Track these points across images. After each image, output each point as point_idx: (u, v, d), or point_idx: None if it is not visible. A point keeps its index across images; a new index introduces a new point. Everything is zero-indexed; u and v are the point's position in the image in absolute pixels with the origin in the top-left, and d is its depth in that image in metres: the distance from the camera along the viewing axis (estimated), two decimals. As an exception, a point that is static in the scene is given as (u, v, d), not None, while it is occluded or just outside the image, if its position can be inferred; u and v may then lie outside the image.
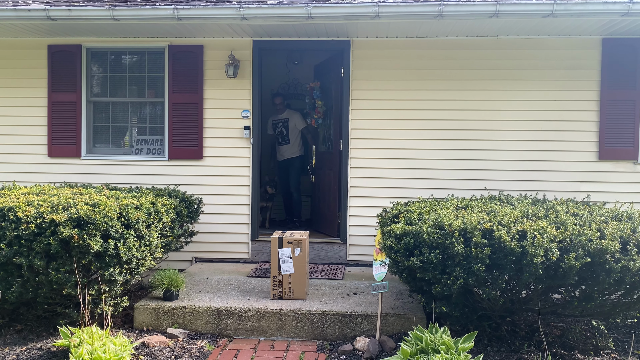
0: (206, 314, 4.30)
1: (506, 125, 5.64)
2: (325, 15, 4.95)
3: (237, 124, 5.87)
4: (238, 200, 5.89)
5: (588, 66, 5.56)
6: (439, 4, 4.76)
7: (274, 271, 4.51)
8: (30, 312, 4.22)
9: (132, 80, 6.10)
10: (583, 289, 3.61)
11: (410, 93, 5.72)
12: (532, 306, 3.86)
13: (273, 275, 4.51)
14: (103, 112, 6.13)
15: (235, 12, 4.97)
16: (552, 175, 5.60)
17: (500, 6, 4.71)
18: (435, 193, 5.45)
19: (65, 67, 5.96)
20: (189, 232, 5.21)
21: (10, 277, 3.87)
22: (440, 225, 3.71)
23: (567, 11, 4.71)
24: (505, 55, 5.63)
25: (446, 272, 3.61)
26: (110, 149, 6.13)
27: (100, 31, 5.71)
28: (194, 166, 5.92)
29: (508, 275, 3.58)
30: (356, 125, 5.78)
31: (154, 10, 5.03)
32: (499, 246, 3.45)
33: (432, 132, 5.70)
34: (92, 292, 3.86)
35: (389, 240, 3.85)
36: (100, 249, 3.74)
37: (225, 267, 5.71)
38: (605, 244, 3.32)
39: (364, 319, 4.20)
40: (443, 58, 5.68)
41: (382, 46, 5.74)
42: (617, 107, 5.52)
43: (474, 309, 3.88)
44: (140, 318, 4.34)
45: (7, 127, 6.04)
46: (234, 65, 5.72)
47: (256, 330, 4.26)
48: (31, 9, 5.11)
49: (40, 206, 3.87)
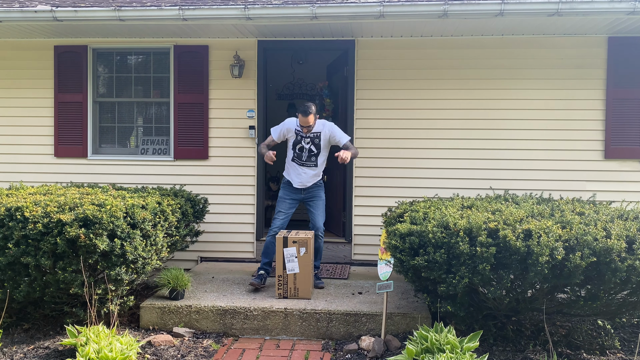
0: (212, 313, 4.31)
1: (511, 124, 5.62)
2: (330, 15, 4.96)
3: (242, 124, 5.88)
4: (243, 199, 5.91)
5: (594, 65, 5.54)
6: (444, 3, 4.75)
7: (279, 270, 4.52)
8: (38, 311, 4.25)
9: (137, 81, 6.13)
10: (589, 289, 3.60)
11: (415, 92, 5.71)
12: (537, 305, 3.85)
13: (278, 275, 4.52)
14: (109, 112, 6.16)
15: (240, 13, 4.98)
16: (558, 175, 5.58)
17: (506, 5, 4.70)
18: (440, 192, 5.45)
19: (71, 67, 5.99)
20: (195, 231, 5.23)
21: (17, 276, 3.90)
22: (446, 224, 3.71)
23: (573, 10, 4.69)
24: (510, 54, 5.62)
25: (451, 272, 3.61)
26: (116, 149, 6.16)
27: (106, 32, 5.74)
28: (199, 166, 5.94)
29: (513, 275, 3.57)
30: (361, 125, 5.78)
31: (159, 10, 5.05)
32: (504, 245, 3.44)
33: (436, 132, 5.69)
34: (99, 292, 3.88)
35: (394, 240, 3.86)
36: (107, 248, 3.77)
37: (231, 266, 5.73)
38: (611, 243, 3.31)
39: (369, 318, 4.20)
40: (448, 57, 5.67)
41: (386, 46, 5.74)
42: (623, 105, 5.50)
43: (480, 308, 3.87)
44: (146, 317, 4.36)
45: (14, 128, 6.08)
46: (239, 66, 5.73)
47: (261, 329, 4.28)
48: (38, 10, 5.14)
49: (47, 206, 3.90)
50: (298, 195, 4.97)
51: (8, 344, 3.96)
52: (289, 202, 4.97)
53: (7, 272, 3.87)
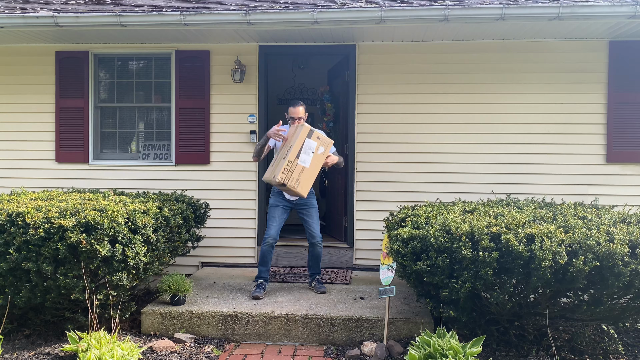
0: (213, 318, 4.30)
1: (513, 128, 5.62)
2: (330, 20, 4.96)
3: (243, 129, 5.89)
4: (245, 204, 5.90)
5: (595, 69, 5.54)
6: (445, 8, 4.76)
7: (292, 157, 4.34)
8: (39, 317, 4.24)
9: (139, 86, 6.14)
10: (592, 293, 3.58)
11: (416, 97, 5.71)
12: (540, 310, 3.84)
13: (289, 160, 4.34)
14: (110, 117, 6.16)
15: (241, 18, 4.98)
16: (560, 179, 5.57)
17: (506, 9, 4.70)
18: (442, 197, 5.44)
19: (72, 73, 6.00)
20: (196, 236, 5.22)
21: (18, 282, 3.89)
22: (448, 229, 3.70)
23: (574, 14, 4.69)
24: (511, 59, 5.62)
25: (454, 276, 3.60)
26: (117, 154, 6.16)
27: (108, 37, 5.76)
28: (200, 171, 5.93)
29: (516, 279, 3.56)
30: (362, 130, 5.78)
31: (160, 16, 5.06)
32: (506, 250, 3.43)
33: (438, 136, 5.69)
34: (100, 297, 3.87)
35: (396, 244, 3.85)
36: (108, 254, 3.76)
37: (232, 271, 5.72)
38: (614, 247, 3.29)
39: (371, 324, 4.19)
40: (449, 62, 5.67)
41: (387, 50, 5.75)
42: (625, 109, 5.49)
43: (482, 313, 3.86)
44: (147, 323, 4.35)
45: (15, 133, 6.09)
46: (240, 71, 5.74)
47: (263, 334, 4.26)
48: (39, 15, 5.15)
49: (49, 211, 3.90)
50: (289, 203, 4.92)
51: (9, 350, 3.95)
52: (281, 208, 4.89)
53: (8, 277, 3.87)
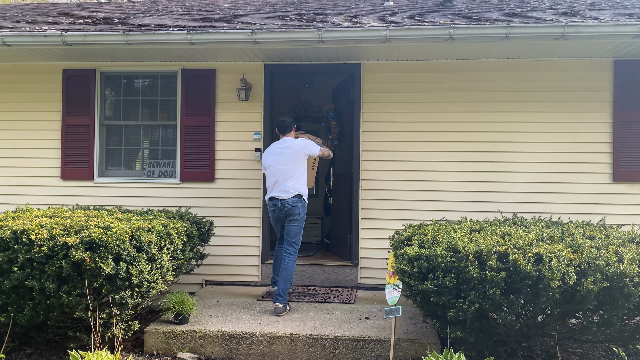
0: (217, 338, 4.25)
1: (519, 147, 5.61)
2: (336, 39, 4.99)
3: (248, 147, 5.89)
4: (249, 222, 5.88)
5: (600, 88, 5.54)
6: (450, 27, 4.78)
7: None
8: (41, 336, 4.20)
9: (144, 104, 6.17)
10: (601, 314, 3.52)
11: (421, 115, 5.72)
12: (548, 331, 3.78)
13: None
14: (115, 135, 6.19)
15: (247, 37, 5.02)
16: (566, 198, 5.53)
17: (511, 29, 4.73)
18: (447, 215, 5.40)
19: (79, 91, 6.04)
20: (200, 254, 5.19)
21: (21, 300, 3.86)
22: (455, 248, 3.66)
23: (578, 33, 4.72)
24: (516, 78, 5.63)
25: (461, 297, 3.55)
26: (122, 172, 6.16)
27: (115, 56, 5.80)
28: (205, 188, 5.93)
29: (524, 300, 3.51)
30: (367, 147, 5.78)
31: (167, 35, 5.10)
32: (514, 270, 3.39)
33: (443, 154, 5.68)
34: (103, 316, 3.83)
35: (402, 264, 3.81)
36: (112, 272, 3.73)
37: (236, 290, 5.67)
38: (623, 267, 3.25)
39: (377, 344, 4.13)
40: (454, 80, 5.69)
41: (392, 69, 5.77)
42: (631, 128, 5.48)
43: (490, 334, 3.80)
44: (150, 342, 4.30)
45: (21, 150, 6.11)
46: (245, 89, 5.77)
47: (267, 355, 4.20)
48: (47, 34, 5.21)
49: (53, 229, 3.88)
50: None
51: (10, 369, 3.91)
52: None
53: (11, 295, 3.84)
